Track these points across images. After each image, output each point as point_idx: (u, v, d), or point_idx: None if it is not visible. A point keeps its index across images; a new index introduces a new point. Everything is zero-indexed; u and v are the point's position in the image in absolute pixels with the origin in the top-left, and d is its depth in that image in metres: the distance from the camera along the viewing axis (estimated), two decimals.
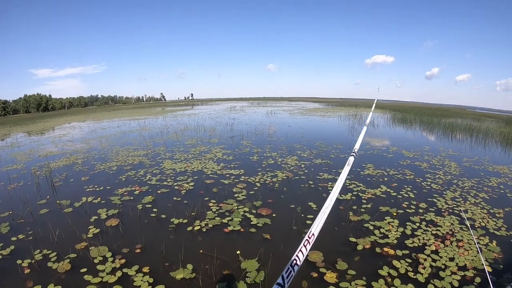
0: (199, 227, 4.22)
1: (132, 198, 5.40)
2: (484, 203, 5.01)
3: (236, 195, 5.41)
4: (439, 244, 3.67)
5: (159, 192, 5.67)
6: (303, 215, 4.54)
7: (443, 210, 4.74)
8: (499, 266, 3.25)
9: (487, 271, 1.78)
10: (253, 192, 5.57)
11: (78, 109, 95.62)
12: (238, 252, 3.53)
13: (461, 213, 4.52)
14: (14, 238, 4.02)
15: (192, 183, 6.12)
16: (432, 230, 4.05)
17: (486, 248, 3.59)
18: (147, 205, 5.04)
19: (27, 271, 3.29)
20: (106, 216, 4.65)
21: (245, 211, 4.70)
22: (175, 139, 12.19)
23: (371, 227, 4.14)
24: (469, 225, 4.05)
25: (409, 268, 3.20)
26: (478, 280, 3.01)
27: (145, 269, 3.24)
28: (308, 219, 4.39)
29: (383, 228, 4.11)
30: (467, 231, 3.97)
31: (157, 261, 3.41)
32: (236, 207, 4.85)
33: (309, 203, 4.96)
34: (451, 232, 3.98)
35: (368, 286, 2.95)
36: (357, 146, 2.27)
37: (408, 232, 4.02)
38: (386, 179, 6.35)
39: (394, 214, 4.57)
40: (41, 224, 4.44)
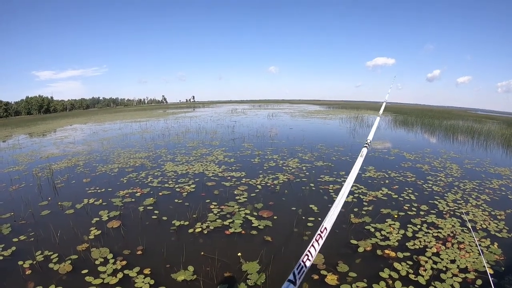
0: (200, 229, 4.23)
1: (133, 200, 5.41)
2: (486, 205, 5.01)
3: (238, 197, 5.41)
4: (440, 246, 3.66)
5: (160, 194, 5.68)
6: (304, 218, 4.54)
7: (444, 212, 4.73)
8: (500, 268, 3.23)
9: (489, 273, 1.77)
10: (254, 194, 5.58)
11: (79, 111, 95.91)
12: (239, 254, 3.53)
13: (463, 215, 4.52)
14: (15, 239, 4.03)
15: (193, 185, 6.13)
16: (433, 232, 4.04)
17: (487, 250, 3.58)
18: (148, 207, 5.05)
19: (28, 272, 3.30)
20: (107, 218, 4.66)
21: (246, 213, 4.71)
22: (176, 142, 12.21)
23: (372, 229, 4.13)
24: (470, 227, 4.04)
25: (410, 270, 3.19)
26: (479, 282, 2.99)
27: (146, 271, 3.25)
28: (309, 221, 4.40)
29: (384, 230, 4.11)
30: (468, 233, 3.96)
31: (158, 263, 3.41)
32: (238, 209, 4.86)
33: (310, 206, 4.96)
34: (453, 234, 3.97)
35: None
36: (370, 136, 2.18)
37: (409, 234, 4.01)
38: (387, 181, 6.35)
39: (395, 216, 4.57)
40: (43, 225, 4.45)
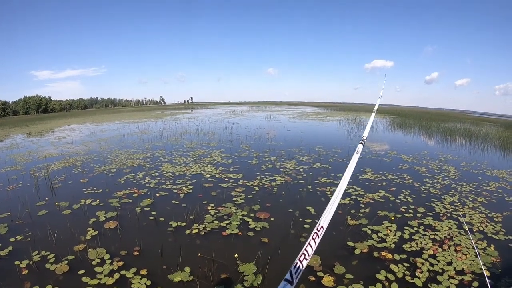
0: (197, 230, 4.22)
1: (130, 200, 5.40)
2: (483, 207, 5.03)
3: (235, 198, 5.41)
4: (437, 249, 3.67)
5: (157, 195, 5.67)
6: (301, 219, 4.54)
7: (441, 214, 4.74)
8: (497, 270, 3.25)
9: (486, 275, 1.78)
10: (251, 196, 5.58)
11: (77, 111, 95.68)
12: (236, 256, 3.53)
13: (460, 218, 4.53)
14: (12, 239, 4.02)
15: (191, 187, 6.12)
16: (430, 234, 4.06)
17: (484, 252, 3.60)
18: (145, 208, 5.04)
19: (25, 272, 3.29)
20: (104, 219, 4.65)
21: (243, 215, 4.70)
22: (174, 143, 12.19)
23: (369, 231, 4.14)
24: (467, 229, 4.05)
25: (407, 272, 3.20)
26: (476, 284, 3.01)
27: (143, 272, 3.24)
28: (306, 223, 4.40)
29: (381, 232, 4.11)
30: (465, 236, 3.98)
31: (155, 264, 3.41)
32: (235, 211, 4.85)
33: (307, 208, 4.96)
34: (449, 237, 3.99)
35: None
36: (366, 133, 2.19)
37: (406, 236, 4.02)
38: (384, 183, 6.36)
39: (392, 218, 4.58)
40: (40, 225, 4.44)
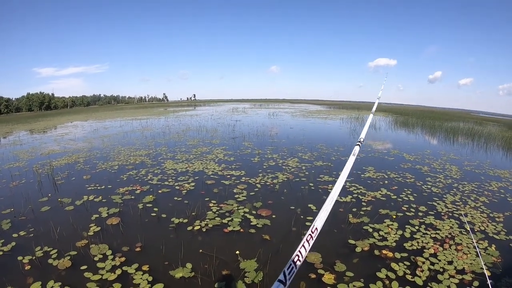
0: (199, 227, 4.24)
1: (133, 197, 5.43)
2: (484, 207, 5.02)
3: (237, 196, 5.43)
4: (438, 248, 3.68)
5: (160, 191, 5.70)
6: (302, 217, 4.55)
7: (442, 213, 4.74)
8: (498, 270, 3.25)
9: (487, 275, 1.78)
10: (253, 193, 5.59)
11: (80, 108, 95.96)
12: (238, 252, 3.55)
13: (461, 217, 4.52)
14: (15, 235, 4.05)
15: (193, 184, 6.14)
16: (431, 233, 4.06)
17: (485, 252, 3.60)
18: (147, 205, 5.06)
19: (27, 267, 3.32)
20: (107, 215, 4.68)
21: (245, 212, 4.72)
22: (177, 140, 12.23)
23: (370, 230, 4.15)
24: (469, 229, 4.05)
25: (407, 271, 3.20)
26: (476, 284, 3.01)
27: (145, 268, 3.27)
28: (308, 220, 4.41)
29: (382, 230, 4.12)
30: (466, 235, 3.97)
31: (156, 260, 3.43)
32: (236, 208, 4.87)
33: (309, 205, 4.97)
34: (450, 236, 3.99)
35: None
36: (363, 135, 2.18)
37: (407, 235, 4.02)
38: (386, 182, 6.36)
39: (394, 217, 4.58)
40: (42, 221, 4.48)
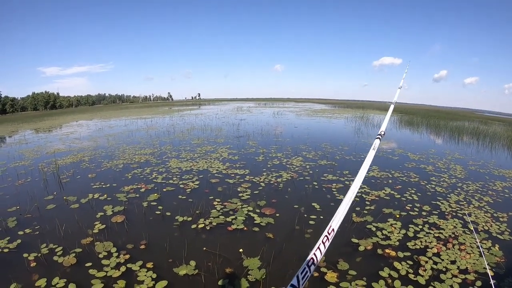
0: (203, 225, 4.27)
1: (137, 195, 5.48)
2: (488, 206, 4.99)
3: (241, 194, 5.45)
4: (441, 247, 3.67)
5: (164, 190, 5.74)
6: (306, 216, 4.56)
7: (446, 213, 4.73)
8: (501, 270, 3.24)
9: (490, 275, 1.78)
10: (257, 192, 5.61)
11: (85, 108, 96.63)
12: (241, 250, 3.57)
13: (465, 217, 4.51)
14: (21, 232, 4.11)
15: (197, 182, 6.18)
16: (435, 232, 4.05)
17: (488, 252, 3.59)
18: (152, 203, 5.11)
19: (33, 264, 3.37)
20: (112, 213, 4.73)
21: (249, 210, 4.74)
22: (181, 138, 12.28)
23: (374, 229, 4.15)
24: (472, 229, 4.04)
25: (410, 270, 3.20)
26: (479, 283, 3.00)
27: (149, 265, 3.30)
28: (311, 219, 4.42)
29: (386, 229, 4.12)
30: (469, 234, 3.96)
31: (161, 257, 3.47)
32: (240, 206, 4.90)
33: (312, 204, 4.98)
34: (454, 235, 3.98)
35: (368, 286, 2.97)
36: (383, 127, 2.05)
37: (411, 234, 4.02)
38: (390, 181, 6.34)
39: (397, 216, 4.57)
40: (48, 219, 4.53)
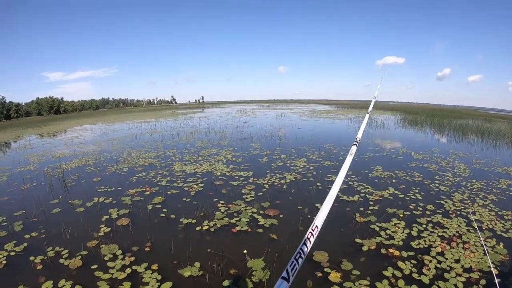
0: (207, 227, 4.30)
1: (142, 198, 5.52)
2: (493, 205, 4.96)
3: (245, 196, 5.48)
4: (445, 246, 3.67)
5: (169, 193, 5.78)
6: (310, 216, 4.57)
7: (450, 212, 4.71)
8: (505, 268, 3.23)
9: (494, 273, 1.79)
10: (261, 193, 5.63)
11: (89, 112, 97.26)
12: (245, 252, 3.60)
13: (469, 215, 4.49)
14: (27, 236, 4.17)
15: (201, 185, 6.21)
16: (439, 231, 4.04)
17: (493, 250, 3.57)
18: (157, 206, 5.15)
19: (39, 267, 3.42)
20: (117, 216, 4.78)
21: (253, 212, 4.77)
22: (185, 142, 12.34)
23: (377, 229, 4.15)
24: (476, 227, 4.03)
25: (414, 270, 3.20)
26: (483, 282, 3.00)
27: (154, 267, 3.34)
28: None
29: (389, 229, 4.12)
30: (474, 233, 3.95)
31: (165, 259, 3.50)
32: (244, 208, 4.92)
33: (316, 205, 4.98)
34: (458, 234, 3.97)
35: (372, 286, 2.97)
36: (359, 135, 2.21)
37: (414, 233, 4.02)
38: (394, 181, 6.33)
39: (401, 215, 4.57)
40: (54, 222, 4.59)
